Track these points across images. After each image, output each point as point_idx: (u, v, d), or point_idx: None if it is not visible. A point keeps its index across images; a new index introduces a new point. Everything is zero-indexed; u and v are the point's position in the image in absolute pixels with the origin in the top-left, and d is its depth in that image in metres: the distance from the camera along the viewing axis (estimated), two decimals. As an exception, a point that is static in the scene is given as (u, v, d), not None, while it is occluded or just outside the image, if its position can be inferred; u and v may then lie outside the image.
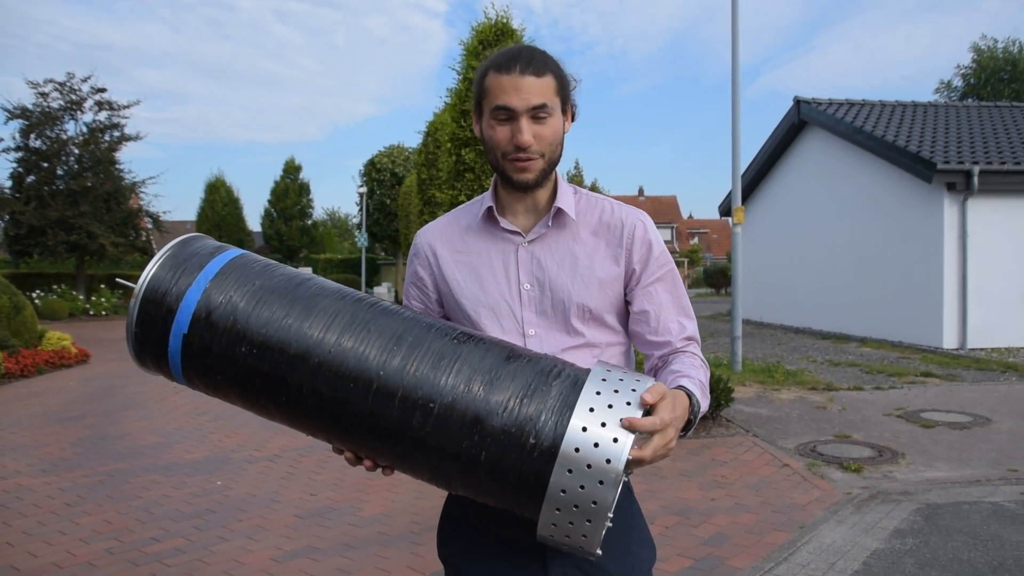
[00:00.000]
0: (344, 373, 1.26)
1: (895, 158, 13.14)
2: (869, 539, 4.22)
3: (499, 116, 1.51)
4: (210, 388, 1.37)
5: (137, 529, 4.46)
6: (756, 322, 18.43)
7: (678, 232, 63.02)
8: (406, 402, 1.25)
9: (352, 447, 1.33)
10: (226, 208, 35.09)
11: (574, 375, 1.28)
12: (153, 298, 1.32)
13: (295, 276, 1.38)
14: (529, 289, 1.59)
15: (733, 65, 10.74)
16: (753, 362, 11.12)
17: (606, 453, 1.15)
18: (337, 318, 1.31)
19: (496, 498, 1.27)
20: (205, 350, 1.31)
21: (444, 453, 1.24)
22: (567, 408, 1.21)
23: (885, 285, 13.76)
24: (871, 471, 5.57)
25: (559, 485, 1.16)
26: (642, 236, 1.61)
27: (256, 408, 1.36)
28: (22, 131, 25.83)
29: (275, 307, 1.31)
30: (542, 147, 1.52)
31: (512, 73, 1.48)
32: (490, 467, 1.23)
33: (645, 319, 1.60)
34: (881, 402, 8.17)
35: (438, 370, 1.26)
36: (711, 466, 5.75)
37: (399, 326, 1.32)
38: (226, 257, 1.38)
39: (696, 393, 1.41)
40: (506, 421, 1.22)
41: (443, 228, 1.70)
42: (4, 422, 7.61)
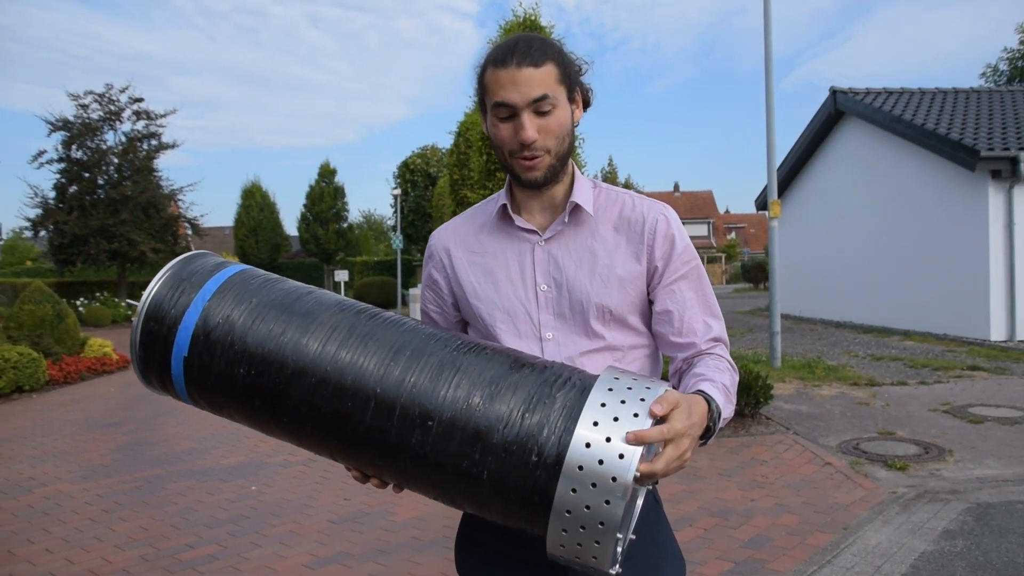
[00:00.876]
0: (342, 389, 1.21)
1: (936, 146, 12.81)
2: (916, 540, 4.08)
3: (500, 113, 1.43)
4: (214, 408, 1.33)
5: (172, 535, 4.47)
6: (795, 317, 18.13)
7: (714, 227, 62.40)
8: (405, 418, 1.19)
9: (356, 465, 1.28)
10: (262, 213, 35.50)
11: (581, 384, 1.21)
12: (155, 318, 1.29)
13: (294, 290, 1.34)
14: (546, 290, 1.51)
15: (766, 57, 10.56)
16: (793, 358, 10.91)
17: (611, 470, 1.08)
18: (336, 331, 1.26)
19: (503, 516, 1.21)
20: (205, 371, 1.27)
21: (446, 471, 1.19)
22: (571, 421, 1.14)
23: (929, 277, 13.43)
24: (917, 469, 5.40)
25: (564, 504, 1.10)
26: (664, 231, 1.52)
27: (260, 427, 1.32)
28: (64, 142, 26.42)
29: (272, 323, 1.27)
30: (547, 142, 1.44)
31: (509, 66, 1.40)
32: (493, 485, 1.17)
33: (668, 319, 1.52)
34: (926, 397, 7.95)
35: (437, 383, 1.20)
36: (750, 465, 5.62)
37: (398, 338, 1.26)
38: (225, 274, 1.34)
39: (717, 398, 1.33)
40: (507, 436, 1.15)
41: (457, 228, 1.64)
42: (47, 429, 7.73)
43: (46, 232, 26.88)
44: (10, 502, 5.23)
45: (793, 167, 18.18)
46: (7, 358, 9.65)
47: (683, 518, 4.55)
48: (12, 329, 11.87)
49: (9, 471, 6.07)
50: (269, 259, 34.34)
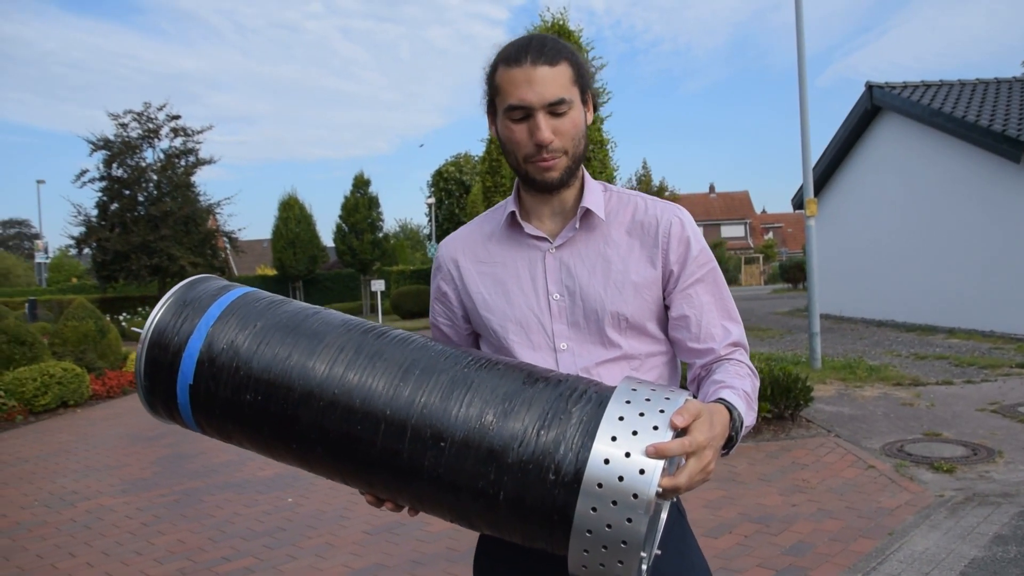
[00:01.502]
0: (351, 412, 1.18)
1: (978, 139, 12.51)
2: (966, 546, 3.94)
3: (515, 115, 1.39)
4: (223, 436, 1.31)
5: (209, 548, 4.49)
6: (836, 316, 17.82)
7: (752, 228, 61.74)
8: (417, 439, 1.16)
9: (369, 489, 1.25)
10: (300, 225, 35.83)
11: (599, 397, 1.16)
12: (159, 345, 1.28)
13: (300, 311, 1.31)
14: (559, 299, 1.47)
15: (799, 53, 10.41)
16: (833, 358, 10.69)
17: (632, 487, 1.03)
18: (343, 352, 1.23)
19: (522, 537, 1.17)
20: (212, 398, 1.25)
21: (461, 492, 1.15)
22: (588, 437, 1.10)
23: (973, 272, 13.10)
24: (965, 471, 5.24)
25: (584, 524, 1.06)
26: (679, 234, 1.47)
27: (270, 453, 1.29)
28: (105, 161, 27.01)
29: (278, 347, 1.24)
30: (564, 143, 1.40)
31: (523, 65, 1.36)
32: (511, 505, 1.13)
33: (686, 324, 1.47)
34: (973, 396, 7.73)
35: (449, 401, 1.17)
36: (791, 469, 5.50)
37: (407, 356, 1.23)
38: (229, 298, 1.32)
39: (738, 406, 1.28)
40: (523, 454, 1.12)
41: (465, 238, 1.60)
42: (90, 443, 7.85)
43: (89, 249, 27.48)
44: (54, 516, 5.31)
45: (830, 165, 17.89)
46: (52, 374, 9.83)
47: (722, 525, 4.46)
48: (57, 345, 12.12)
49: (54, 485, 6.17)
50: (307, 271, 34.63)
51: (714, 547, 4.15)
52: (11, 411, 9.17)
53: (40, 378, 9.65)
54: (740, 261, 48.24)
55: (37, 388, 9.55)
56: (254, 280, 36.89)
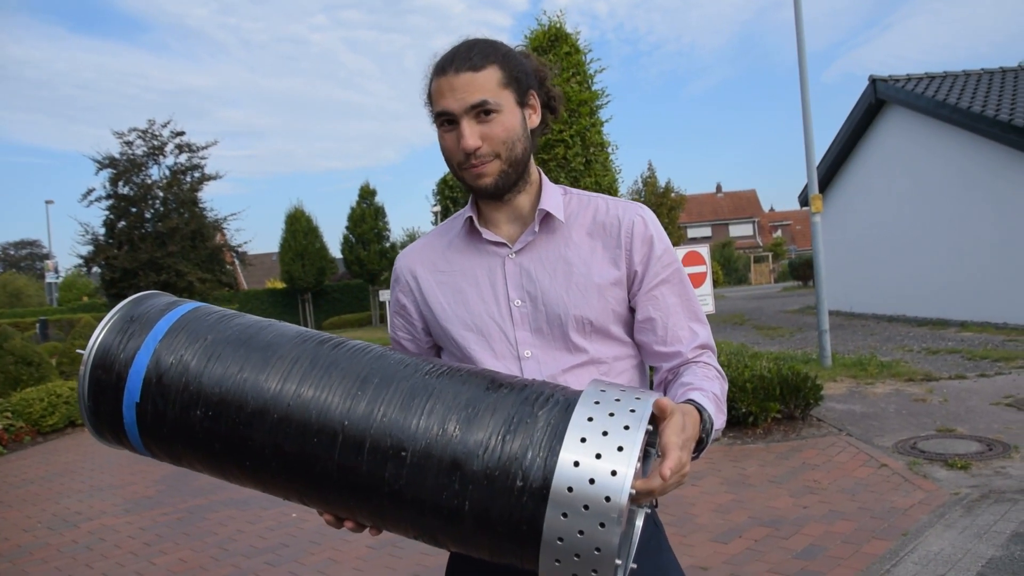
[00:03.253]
0: (307, 427, 1.12)
1: (985, 129, 12.37)
2: (983, 545, 3.84)
3: (443, 123, 1.36)
4: (173, 458, 1.24)
5: (211, 567, 4.43)
6: (846, 313, 17.67)
7: (760, 226, 61.50)
8: (376, 452, 1.09)
9: (328, 508, 1.18)
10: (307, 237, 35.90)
11: (565, 400, 1.10)
12: (103, 365, 1.21)
13: (252, 324, 1.25)
14: (520, 305, 1.42)
15: (799, 49, 10.32)
16: (844, 355, 10.57)
17: (605, 490, 0.97)
18: (296, 365, 1.17)
19: (489, 551, 1.10)
20: (160, 417, 1.18)
21: (424, 506, 1.08)
22: (556, 440, 1.03)
23: (983, 264, 12.95)
24: (980, 468, 5.13)
25: (555, 532, 0.99)
26: (641, 233, 1.42)
27: (223, 475, 1.22)
28: (111, 179, 27.14)
29: (229, 361, 1.18)
30: (494, 147, 1.35)
31: (448, 73, 1.34)
32: (476, 517, 1.06)
33: (651, 327, 1.42)
34: (987, 390, 7.60)
35: (409, 412, 1.10)
36: (802, 470, 5.40)
37: (365, 366, 1.17)
38: (177, 313, 1.25)
39: (708, 407, 1.23)
40: (488, 462, 1.05)
41: (423, 248, 1.55)
42: (96, 462, 7.81)
43: (98, 268, 27.60)
44: (56, 538, 5.26)
45: (835, 160, 17.76)
46: (59, 394, 9.82)
47: (732, 529, 4.37)
48: (65, 365, 12.14)
49: (57, 506, 6.12)
50: (316, 283, 34.69)
51: (724, 552, 4.05)
52: (19, 432, 9.15)
53: (47, 398, 9.63)
54: (749, 260, 48.03)
55: (44, 408, 9.53)
56: (263, 294, 37.00)
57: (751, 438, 6.33)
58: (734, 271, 45.26)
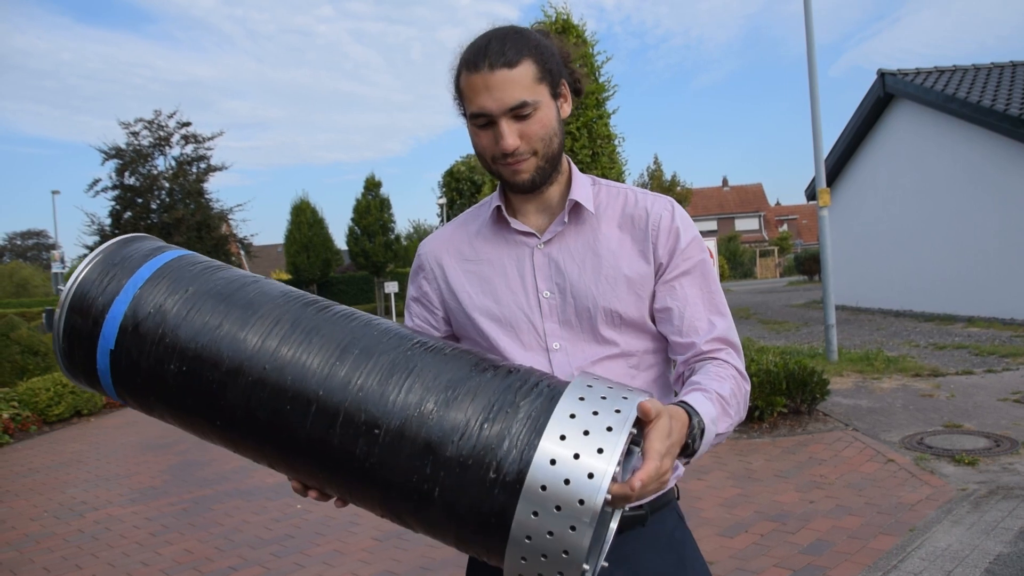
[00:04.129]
0: (281, 391, 1.08)
1: (994, 124, 12.29)
2: (991, 542, 3.82)
3: (478, 122, 1.32)
4: (144, 408, 1.21)
5: (216, 558, 4.43)
6: (852, 308, 17.61)
7: (766, 220, 61.31)
8: (348, 425, 1.05)
9: (295, 475, 1.15)
10: (312, 229, 35.90)
11: (551, 391, 1.06)
12: (80, 307, 1.17)
13: (236, 279, 1.20)
14: (549, 297, 1.39)
15: (808, 42, 10.27)
16: (850, 350, 10.54)
17: (579, 492, 0.93)
18: (278, 325, 1.12)
19: (456, 541, 1.07)
20: (133, 367, 1.15)
21: (393, 486, 1.05)
22: (535, 434, 0.99)
23: (991, 259, 12.89)
24: (988, 463, 5.11)
25: (523, 530, 0.95)
26: (668, 226, 1.39)
27: (194, 431, 1.19)
28: (117, 170, 27.18)
29: (208, 315, 1.13)
30: (532, 145, 1.32)
31: (482, 70, 1.28)
32: (445, 504, 1.02)
33: (668, 317, 1.38)
34: (995, 386, 7.57)
35: (387, 387, 1.06)
36: (808, 465, 5.38)
37: (348, 334, 1.12)
38: (162, 259, 1.21)
39: (704, 410, 1.16)
40: (463, 449, 1.01)
41: (449, 236, 1.52)
42: (102, 452, 7.83)
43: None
44: (62, 527, 5.28)
45: (843, 154, 17.68)
46: (65, 383, 9.83)
47: (738, 524, 4.36)
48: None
49: (63, 496, 6.14)
50: (321, 274, 34.71)
51: (730, 547, 4.04)
52: (25, 421, 9.17)
53: (53, 388, 9.65)
54: (755, 254, 47.92)
55: (51, 398, 9.56)
56: (268, 285, 36.98)
57: (757, 432, 6.31)
58: (740, 265, 45.18)
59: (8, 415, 8.94)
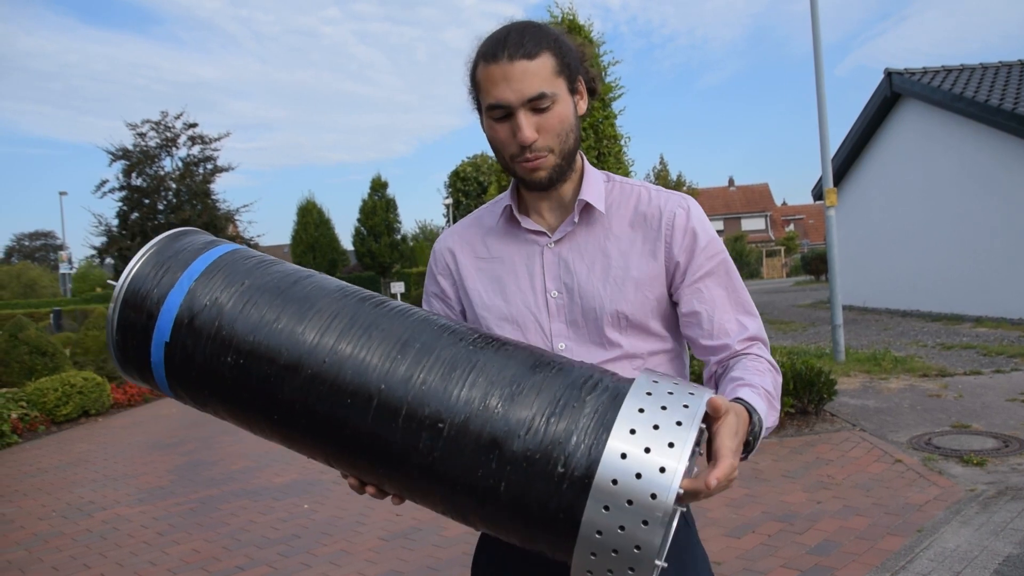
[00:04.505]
0: (341, 386, 1.07)
1: (1002, 123, 12.24)
2: (1000, 543, 3.81)
3: (496, 114, 1.31)
4: (198, 403, 1.21)
5: (224, 557, 4.44)
6: (859, 308, 17.57)
7: (772, 220, 61.21)
8: (411, 421, 1.05)
9: (354, 472, 1.14)
10: (318, 229, 36.01)
11: (615, 387, 1.05)
12: (133, 301, 1.17)
13: (291, 273, 1.20)
14: (557, 296, 1.39)
15: (815, 41, 10.24)
16: (857, 350, 10.51)
17: (651, 486, 0.92)
18: (335, 320, 1.12)
19: (520, 537, 1.06)
20: (188, 360, 1.14)
21: (457, 482, 1.04)
22: (603, 429, 0.98)
23: (999, 259, 12.84)
24: (996, 464, 5.08)
25: (594, 525, 0.94)
26: (683, 224, 1.37)
27: (249, 426, 1.19)
28: (124, 171, 27.29)
29: (265, 309, 1.13)
30: (549, 141, 1.31)
31: (500, 61, 1.27)
32: (511, 500, 1.01)
33: (697, 321, 1.37)
34: (1003, 386, 7.54)
35: (449, 382, 1.06)
36: (816, 465, 5.37)
37: (407, 329, 1.12)
38: (215, 253, 1.21)
39: (759, 406, 1.17)
40: (529, 444, 1.00)
41: (464, 232, 1.52)
42: (109, 452, 7.85)
43: (111, 259, 27.77)
44: (71, 527, 5.29)
45: (850, 154, 17.63)
46: (73, 384, 9.87)
47: (745, 524, 4.35)
48: (78, 355, 12.20)
49: (71, 495, 6.16)
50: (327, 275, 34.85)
51: (737, 547, 4.03)
52: (33, 421, 9.21)
53: (61, 388, 9.69)
54: (761, 254, 47.84)
55: (59, 398, 9.59)
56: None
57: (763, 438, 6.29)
58: (746, 265, 45.13)
59: (16, 415, 8.97)
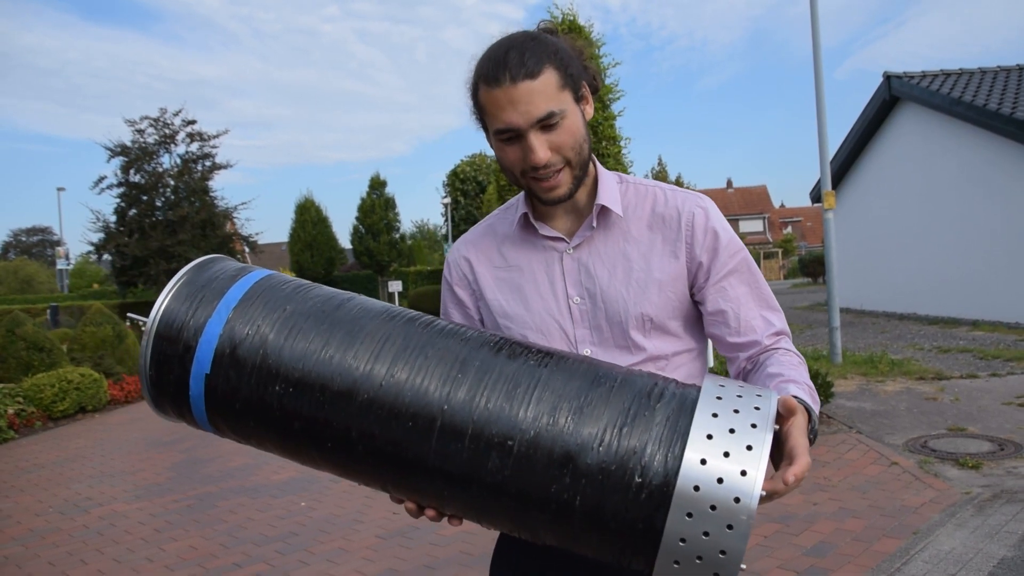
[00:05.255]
0: (400, 410, 1.06)
1: (1000, 127, 12.27)
2: (995, 545, 3.82)
3: (504, 137, 1.29)
4: (241, 436, 1.18)
5: (221, 554, 4.45)
6: (856, 310, 17.60)
7: (770, 222, 61.25)
8: (478, 441, 1.03)
9: (414, 496, 1.12)
10: (316, 227, 35.99)
11: (681, 395, 1.05)
12: (168, 334, 1.13)
13: (333, 297, 1.18)
14: (579, 303, 1.38)
15: (814, 43, 10.26)
16: (854, 353, 10.53)
17: (734, 490, 0.92)
18: (387, 344, 1.10)
19: (596, 549, 1.05)
20: (232, 392, 1.11)
21: (529, 499, 1.03)
22: (678, 437, 0.98)
23: (996, 263, 12.87)
24: (992, 467, 5.10)
25: (677, 533, 0.93)
26: (703, 224, 1.37)
27: (298, 457, 1.16)
28: (122, 167, 27.23)
29: (312, 335, 1.11)
30: (564, 154, 1.30)
31: (503, 84, 1.24)
32: (587, 514, 1.00)
33: (724, 319, 1.37)
34: (999, 390, 7.56)
35: (514, 400, 1.04)
36: (812, 467, 5.37)
37: (462, 348, 1.11)
38: (251, 280, 1.18)
39: (809, 402, 1.18)
40: (603, 457, 0.99)
41: (478, 240, 1.51)
42: (107, 448, 7.86)
43: (108, 255, 27.72)
44: (67, 522, 5.30)
45: (848, 157, 17.67)
46: (70, 380, 9.86)
47: (741, 525, 4.36)
48: (75, 351, 12.18)
49: (68, 491, 6.16)
50: (325, 273, 34.77)
51: (733, 548, 4.04)
52: (30, 417, 9.21)
53: (58, 384, 9.68)
54: (759, 256, 47.88)
55: (56, 394, 9.59)
56: (272, 283, 37.06)
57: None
58: (744, 267, 45.11)
59: (13, 411, 8.97)
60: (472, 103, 1.34)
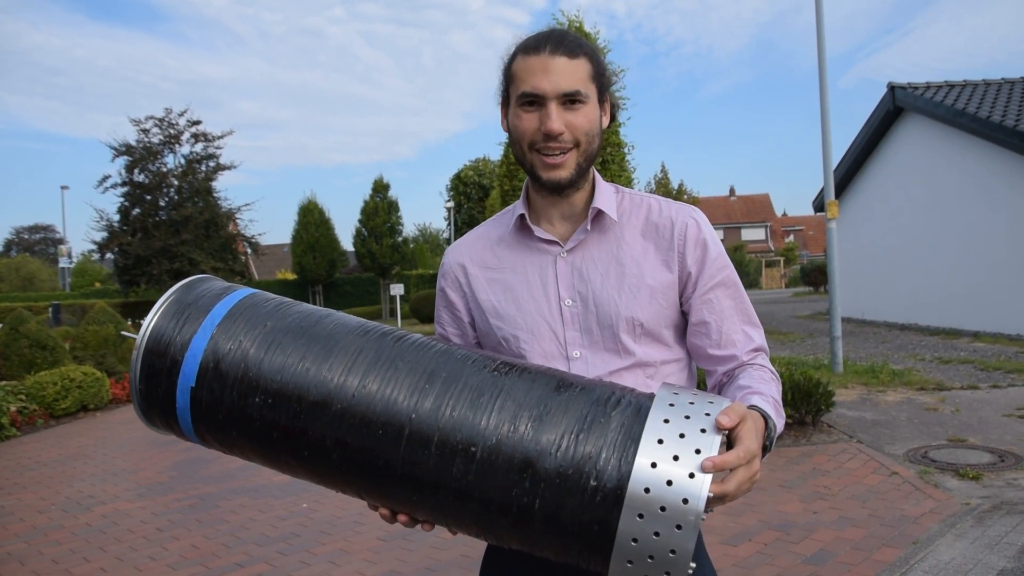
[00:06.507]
0: (371, 419, 1.12)
1: (1003, 139, 12.29)
2: (994, 556, 3.84)
3: (526, 103, 1.33)
4: (225, 446, 1.24)
5: (223, 554, 4.47)
6: (858, 320, 17.61)
7: (772, 231, 61.27)
8: (444, 448, 1.09)
9: (386, 502, 1.18)
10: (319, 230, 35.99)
11: (636, 402, 1.10)
12: (156, 349, 1.20)
13: (311, 313, 1.24)
14: (571, 305, 1.41)
15: (819, 53, 10.29)
16: (855, 362, 10.54)
17: (682, 491, 0.97)
18: (360, 357, 1.16)
19: (556, 551, 1.10)
20: (216, 404, 1.18)
21: (492, 503, 1.08)
22: (631, 442, 1.03)
23: (998, 275, 12.88)
24: (992, 478, 5.12)
25: (629, 533, 0.99)
26: (695, 236, 1.41)
27: (278, 465, 1.22)
28: (127, 167, 27.32)
29: (290, 350, 1.17)
30: (576, 135, 1.34)
31: (541, 53, 1.32)
32: (546, 517, 1.06)
33: (706, 331, 1.40)
34: (1000, 401, 7.58)
35: (478, 409, 1.10)
36: (812, 476, 5.40)
37: (430, 361, 1.17)
38: (235, 298, 1.25)
39: (771, 412, 1.22)
40: (561, 462, 1.05)
41: (473, 243, 1.54)
42: (108, 447, 7.87)
43: (111, 254, 27.79)
44: (70, 520, 5.32)
45: (852, 166, 17.69)
46: (72, 378, 9.88)
47: (742, 532, 4.38)
48: (78, 349, 12.23)
49: (71, 490, 6.18)
50: (327, 275, 34.78)
51: (733, 555, 4.07)
52: (32, 415, 9.23)
53: (61, 382, 9.70)
54: (761, 264, 47.89)
55: (58, 392, 9.60)
56: (275, 285, 37.10)
57: (761, 442, 6.32)
58: (745, 275, 45.15)
59: (15, 408, 8.99)
60: (503, 76, 1.40)
